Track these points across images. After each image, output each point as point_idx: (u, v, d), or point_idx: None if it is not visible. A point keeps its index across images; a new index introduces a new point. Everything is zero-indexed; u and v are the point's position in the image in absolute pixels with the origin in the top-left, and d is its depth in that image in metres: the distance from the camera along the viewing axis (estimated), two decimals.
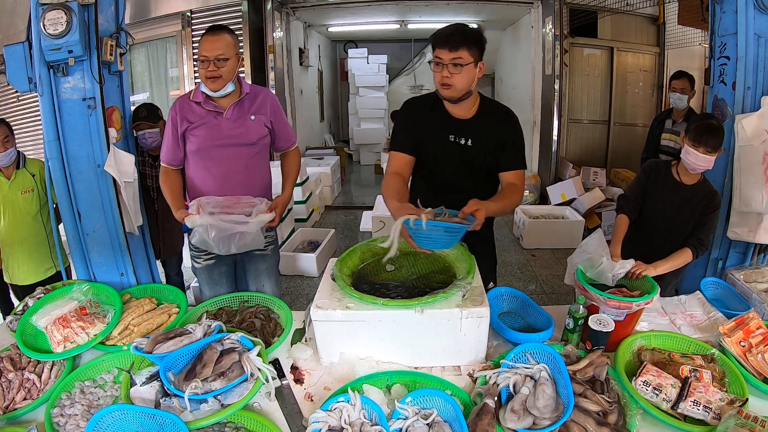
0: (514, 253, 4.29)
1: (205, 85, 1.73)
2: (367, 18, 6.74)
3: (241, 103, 1.80)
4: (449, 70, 1.52)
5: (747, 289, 1.70)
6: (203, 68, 1.69)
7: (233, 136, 1.79)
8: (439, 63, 1.53)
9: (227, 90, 1.74)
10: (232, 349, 1.27)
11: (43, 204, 2.32)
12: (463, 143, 1.65)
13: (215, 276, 1.94)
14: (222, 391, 1.17)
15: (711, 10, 1.90)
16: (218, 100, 1.78)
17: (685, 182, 1.80)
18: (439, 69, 1.54)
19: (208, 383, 1.17)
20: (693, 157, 1.69)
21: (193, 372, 1.20)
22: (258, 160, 1.87)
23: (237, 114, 1.79)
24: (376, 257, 1.60)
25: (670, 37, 5.48)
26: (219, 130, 1.78)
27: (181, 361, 1.26)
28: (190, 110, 1.78)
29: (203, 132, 1.78)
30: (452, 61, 1.50)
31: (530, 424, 1.08)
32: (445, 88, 1.56)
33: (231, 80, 1.73)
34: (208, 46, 1.68)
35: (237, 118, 1.79)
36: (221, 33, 1.70)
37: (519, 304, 1.63)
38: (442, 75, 1.53)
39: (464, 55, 1.50)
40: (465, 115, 1.66)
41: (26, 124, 5.81)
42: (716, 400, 1.13)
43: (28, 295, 1.73)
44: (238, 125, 1.79)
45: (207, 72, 1.68)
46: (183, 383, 1.17)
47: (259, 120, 1.82)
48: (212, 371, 1.21)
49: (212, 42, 1.68)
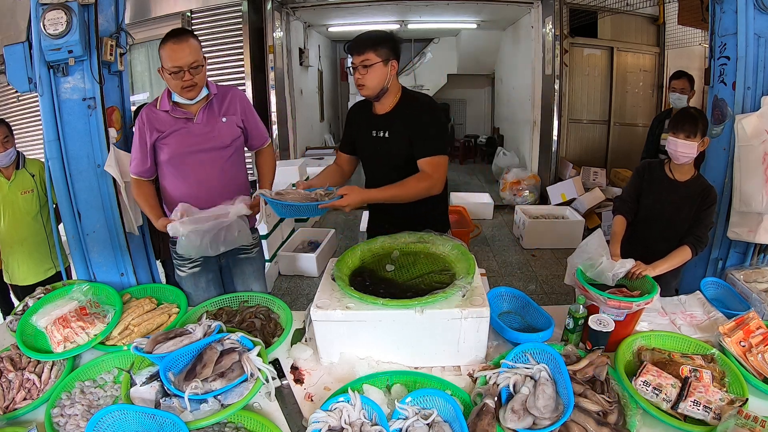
0: (514, 253, 4.29)
1: (181, 95, 1.66)
2: (367, 18, 6.73)
3: (209, 105, 1.74)
4: (359, 72, 1.65)
5: (747, 289, 1.70)
6: (177, 79, 1.60)
7: (205, 141, 1.72)
8: (351, 67, 1.68)
9: (202, 95, 1.70)
10: (232, 349, 1.27)
11: (43, 204, 2.32)
12: (382, 136, 1.75)
13: (202, 284, 1.89)
14: (222, 391, 1.17)
15: (711, 10, 1.90)
16: (187, 106, 1.71)
17: (678, 179, 1.81)
18: (353, 73, 1.68)
19: (208, 383, 1.17)
20: (673, 144, 1.72)
21: (193, 372, 1.20)
22: (233, 162, 1.81)
23: (207, 117, 1.73)
24: (376, 257, 1.61)
25: (670, 37, 5.48)
26: (190, 136, 1.71)
27: (181, 361, 1.26)
28: (157, 119, 1.70)
29: (175, 140, 1.70)
30: (361, 63, 1.64)
31: (530, 424, 1.08)
32: (360, 89, 1.70)
33: (203, 85, 1.68)
34: (177, 55, 1.58)
35: (207, 121, 1.73)
36: (186, 38, 1.61)
37: (519, 304, 1.63)
38: (355, 77, 1.68)
39: (370, 56, 1.63)
40: (385, 110, 1.75)
41: (26, 124, 5.81)
42: (716, 400, 1.13)
43: (28, 295, 1.73)
44: (209, 129, 1.73)
45: (183, 82, 1.61)
46: (183, 383, 1.17)
47: (231, 121, 1.77)
48: (212, 371, 1.21)
49: (180, 50, 1.58)
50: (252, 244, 1.93)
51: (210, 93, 1.73)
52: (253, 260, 1.96)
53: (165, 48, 1.60)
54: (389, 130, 1.73)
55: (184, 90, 1.64)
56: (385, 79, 1.66)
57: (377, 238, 1.66)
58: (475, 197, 5.44)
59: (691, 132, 1.69)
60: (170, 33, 1.63)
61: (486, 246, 4.48)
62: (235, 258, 1.92)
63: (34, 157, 2.37)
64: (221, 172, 1.77)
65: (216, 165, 1.76)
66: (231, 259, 1.92)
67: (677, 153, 1.73)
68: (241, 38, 5.06)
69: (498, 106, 8.27)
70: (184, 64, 1.58)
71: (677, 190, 1.80)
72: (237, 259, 1.92)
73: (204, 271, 1.89)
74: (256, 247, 1.97)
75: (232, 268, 1.95)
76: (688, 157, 1.73)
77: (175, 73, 1.59)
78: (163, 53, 1.60)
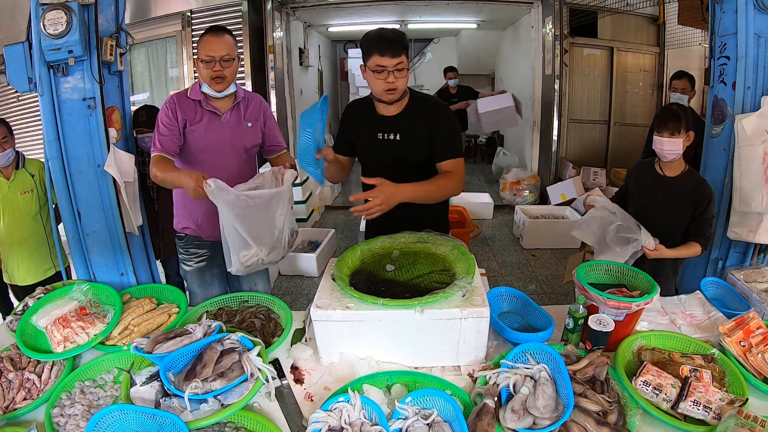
0: (514, 253, 4.29)
1: (209, 85, 1.71)
2: (367, 18, 6.72)
3: (237, 108, 1.80)
4: (395, 75, 1.53)
5: (747, 289, 1.70)
6: (207, 68, 1.67)
7: (232, 140, 1.79)
8: (383, 70, 1.53)
9: (229, 91, 1.75)
10: (232, 349, 1.27)
11: (43, 204, 2.32)
12: (392, 139, 1.67)
13: (207, 278, 1.92)
14: (222, 391, 1.17)
15: (711, 10, 1.90)
16: (216, 102, 1.77)
17: (669, 175, 1.83)
18: (383, 76, 1.53)
19: (208, 383, 1.17)
20: (659, 143, 1.75)
21: (193, 372, 1.20)
22: (249, 166, 1.88)
23: (235, 119, 1.79)
24: (376, 257, 1.61)
25: (670, 37, 5.48)
26: (219, 132, 1.77)
27: (181, 361, 1.26)
28: (188, 107, 1.75)
29: (202, 131, 1.75)
30: (396, 66, 1.52)
31: (530, 424, 1.08)
32: (390, 93, 1.58)
33: (233, 81, 1.74)
34: (212, 46, 1.66)
35: (235, 122, 1.79)
36: (224, 34, 1.70)
37: (519, 304, 1.63)
38: (387, 81, 1.54)
39: (404, 59, 1.54)
40: (393, 112, 1.68)
41: (26, 124, 5.81)
42: (716, 400, 1.13)
43: (28, 295, 1.73)
44: (237, 129, 1.79)
45: (213, 72, 1.67)
46: (183, 383, 1.17)
47: (255, 127, 1.83)
48: (212, 371, 1.21)
49: (216, 42, 1.67)
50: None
51: (237, 96, 1.80)
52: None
53: (203, 39, 1.69)
54: (400, 132, 1.67)
55: (213, 80, 1.69)
56: (408, 82, 1.62)
57: (377, 238, 1.65)
58: (475, 197, 5.44)
59: (675, 129, 1.71)
60: (210, 27, 1.73)
61: (486, 246, 4.48)
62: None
63: (33, 157, 2.37)
64: (239, 173, 1.79)
65: (234, 164, 1.81)
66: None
67: (664, 151, 1.75)
68: (241, 38, 5.05)
69: None
70: (216, 55, 1.66)
71: (669, 187, 1.82)
72: None
73: (210, 265, 1.92)
74: None
75: None
76: (674, 153, 1.75)
77: (206, 61, 1.67)
78: (200, 44, 1.69)
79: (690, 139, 1.75)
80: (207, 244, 1.90)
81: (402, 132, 1.67)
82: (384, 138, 1.68)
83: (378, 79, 1.55)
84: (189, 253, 1.90)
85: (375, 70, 1.53)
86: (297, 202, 4.75)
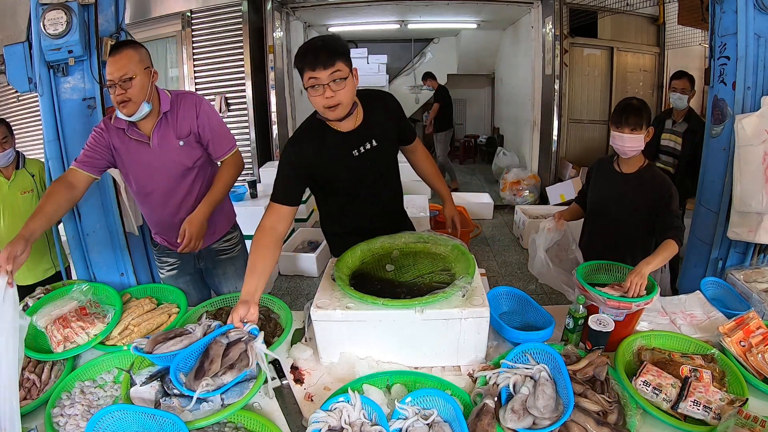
0: (514, 253, 4.29)
1: (119, 110, 1.55)
2: (367, 18, 6.72)
3: (163, 124, 1.63)
4: (331, 88, 1.34)
5: (747, 289, 1.69)
6: (112, 93, 1.51)
7: (165, 167, 1.65)
8: (316, 85, 1.34)
9: (142, 112, 1.56)
10: (238, 340, 1.27)
11: None
12: (369, 148, 1.54)
13: (180, 285, 1.86)
14: (235, 382, 1.17)
15: (711, 10, 1.89)
16: (141, 125, 1.62)
17: (626, 171, 1.81)
18: (319, 92, 1.35)
19: (219, 378, 1.17)
20: (619, 139, 1.69)
21: (202, 370, 1.19)
22: (201, 180, 1.73)
23: (161, 140, 1.62)
24: (376, 257, 1.60)
25: (670, 37, 5.48)
26: (148, 162, 1.63)
27: (189, 360, 1.25)
28: (115, 135, 1.62)
29: (133, 164, 1.63)
30: (331, 77, 1.33)
31: (530, 424, 1.08)
32: (331, 111, 1.39)
33: (144, 100, 1.54)
34: (109, 68, 1.48)
35: (162, 145, 1.62)
36: (122, 50, 1.51)
37: (519, 303, 1.63)
38: (324, 97, 1.35)
39: (341, 66, 1.34)
40: (357, 123, 1.53)
41: (26, 124, 5.81)
42: (716, 400, 1.13)
43: (28, 295, 1.73)
44: (166, 152, 1.63)
45: (115, 97, 1.51)
46: (194, 383, 1.17)
47: (189, 142, 1.66)
48: (221, 365, 1.20)
49: (112, 63, 1.48)
50: (232, 243, 1.91)
51: (161, 110, 1.61)
52: (235, 259, 1.93)
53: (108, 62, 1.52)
54: (374, 137, 1.55)
55: (120, 105, 1.52)
56: (355, 91, 1.43)
57: (377, 238, 1.65)
58: (475, 197, 5.44)
59: (637, 124, 1.66)
60: (113, 45, 1.57)
61: (486, 246, 4.48)
62: (215, 258, 1.90)
63: (33, 157, 2.37)
64: (188, 194, 1.70)
65: (181, 189, 1.70)
66: (210, 261, 1.90)
67: (624, 148, 1.70)
68: (241, 38, 5.06)
69: (498, 106, 8.27)
70: (114, 77, 1.48)
71: (627, 183, 1.80)
72: (217, 259, 1.90)
73: (181, 273, 1.90)
74: (238, 245, 1.95)
75: (213, 270, 1.93)
76: (635, 150, 1.71)
77: (110, 87, 1.51)
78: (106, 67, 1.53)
79: (650, 135, 1.72)
80: (175, 254, 1.87)
81: (375, 137, 1.55)
82: (361, 151, 1.54)
83: (313, 96, 1.37)
84: (161, 261, 1.90)
85: (310, 84, 1.35)
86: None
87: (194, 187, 1.74)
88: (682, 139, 2.95)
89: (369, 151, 1.55)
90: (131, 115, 1.55)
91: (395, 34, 7.88)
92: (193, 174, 1.72)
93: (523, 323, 1.56)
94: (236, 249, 1.95)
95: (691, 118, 2.96)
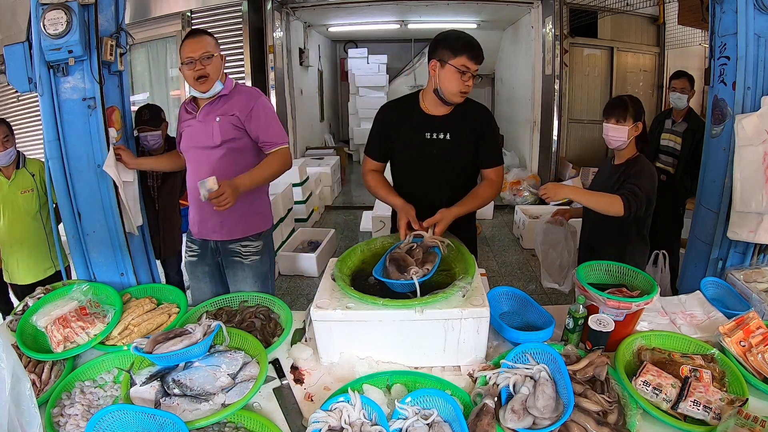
0: (514, 253, 4.29)
1: (194, 87, 1.73)
2: (367, 18, 6.73)
3: (213, 104, 1.77)
4: (473, 80, 1.60)
5: (747, 289, 1.69)
6: (190, 70, 1.69)
7: (199, 139, 1.78)
8: (466, 72, 1.58)
9: (216, 89, 1.74)
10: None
11: (43, 204, 2.32)
12: (441, 138, 1.69)
13: (198, 273, 1.96)
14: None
15: (711, 10, 1.89)
16: (200, 102, 1.80)
17: (615, 162, 1.92)
18: (465, 78, 1.58)
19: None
20: (605, 129, 1.84)
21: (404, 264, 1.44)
22: (227, 163, 1.76)
23: (205, 115, 1.77)
24: (376, 257, 1.60)
25: (670, 37, 5.49)
26: (191, 132, 1.80)
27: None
28: (184, 110, 1.85)
29: (183, 135, 1.84)
30: (476, 72, 1.60)
31: (530, 424, 1.08)
32: (462, 95, 1.63)
33: (218, 79, 1.73)
34: (191, 48, 1.69)
35: (205, 119, 1.77)
36: (201, 34, 1.73)
37: (519, 303, 1.63)
38: (465, 84, 1.59)
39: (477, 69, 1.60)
40: (443, 112, 1.71)
41: (26, 124, 5.81)
42: (716, 400, 1.13)
43: (28, 295, 1.73)
44: (204, 126, 1.76)
45: (195, 72, 1.69)
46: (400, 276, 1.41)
47: (226, 122, 1.74)
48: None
49: (194, 43, 1.70)
50: (249, 251, 1.88)
51: (220, 93, 1.76)
52: (247, 267, 1.88)
53: (182, 45, 1.72)
54: (450, 132, 1.69)
55: (197, 81, 1.70)
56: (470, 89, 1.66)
57: (377, 239, 1.66)
58: None
59: (621, 116, 1.79)
60: (188, 32, 1.78)
61: (486, 246, 4.48)
62: (229, 259, 1.89)
63: (34, 157, 2.38)
64: (213, 172, 1.70)
65: (206, 163, 1.78)
66: (225, 259, 1.90)
67: (609, 137, 1.84)
68: (241, 38, 5.07)
69: (498, 106, 8.28)
70: (195, 55, 1.68)
71: (615, 173, 1.89)
72: (231, 260, 1.89)
73: (199, 262, 1.94)
74: (255, 256, 1.89)
75: (226, 268, 1.93)
76: (619, 141, 1.82)
77: (188, 64, 1.69)
78: (181, 50, 1.72)
79: (638, 130, 1.82)
80: (198, 242, 1.92)
81: (452, 132, 1.69)
82: (432, 137, 1.69)
83: (456, 80, 1.59)
84: (187, 245, 1.97)
85: (460, 70, 1.57)
86: (297, 202, 4.75)
87: (220, 166, 1.75)
88: (682, 139, 2.95)
89: (440, 141, 1.70)
90: (206, 91, 1.73)
91: (395, 34, 7.89)
92: (219, 152, 1.76)
93: (523, 323, 1.56)
94: (251, 259, 1.89)
95: (691, 118, 2.96)
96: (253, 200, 1.85)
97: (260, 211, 1.92)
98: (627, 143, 1.84)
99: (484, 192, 1.73)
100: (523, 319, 1.58)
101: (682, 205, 3.09)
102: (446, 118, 1.70)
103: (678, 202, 3.08)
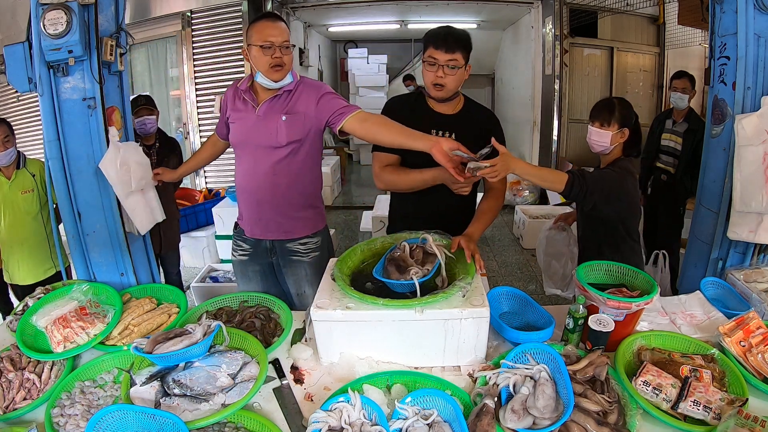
0: (514, 253, 4.29)
1: (266, 75, 1.60)
2: (367, 18, 6.74)
3: (277, 98, 1.66)
4: (444, 71, 1.56)
5: (747, 289, 1.69)
6: (267, 55, 1.56)
7: (259, 136, 1.66)
8: (434, 63, 1.57)
9: (287, 80, 1.64)
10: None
11: (43, 204, 2.32)
12: (448, 136, 1.65)
13: (249, 273, 1.90)
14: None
15: (711, 10, 1.89)
16: (259, 92, 1.68)
17: (601, 167, 1.86)
18: (433, 69, 1.57)
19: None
20: (589, 132, 1.78)
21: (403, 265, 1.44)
22: (289, 164, 1.69)
23: (268, 111, 1.65)
24: (377, 257, 1.60)
25: (670, 37, 5.49)
26: (248, 126, 1.68)
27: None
28: (236, 98, 1.72)
29: (237, 125, 1.71)
30: (447, 62, 1.55)
31: (530, 424, 1.08)
32: (437, 89, 1.60)
33: (290, 70, 1.64)
34: (271, 31, 1.56)
35: (267, 116, 1.65)
36: (280, 20, 1.61)
37: (519, 304, 1.63)
38: (436, 75, 1.57)
39: (458, 57, 1.56)
40: (450, 111, 1.70)
41: (26, 124, 5.81)
42: (716, 400, 1.13)
43: (28, 295, 1.73)
44: (266, 124, 1.65)
45: (272, 59, 1.57)
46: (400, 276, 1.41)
47: (293, 121, 1.64)
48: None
49: (275, 27, 1.57)
50: (308, 248, 1.83)
51: (286, 86, 1.65)
52: (308, 265, 1.84)
53: (257, 25, 1.59)
54: (455, 132, 1.67)
55: (272, 69, 1.59)
56: (461, 83, 1.64)
57: (377, 239, 1.66)
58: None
59: (605, 120, 1.71)
60: (264, 14, 1.68)
61: (486, 246, 4.48)
62: (287, 258, 1.84)
63: (34, 157, 2.38)
64: (273, 173, 1.69)
65: (266, 164, 1.68)
66: (282, 259, 1.85)
67: (591, 141, 1.78)
68: (241, 38, 5.06)
69: (498, 106, 8.28)
70: (276, 41, 1.57)
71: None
72: (290, 260, 1.84)
73: (251, 261, 1.89)
74: (315, 252, 1.84)
75: (284, 268, 1.87)
76: (601, 145, 1.75)
77: (265, 47, 1.57)
78: (254, 30, 1.59)
79: (624, 137, 1.74)
80: (251, 241, 1.86)
81: (458, 132, 1.67)
82: (438, 135, 1.65)
83: (428, 71, 1.59)
84: (236, 243, 1.90)
85: (427, 61, 1.58)
86: None
87: (279, 168, 1.69)
88: (683, 139, 2.96)
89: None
90: (279, 80, 1.62)
91: (395, 34, 7.89)
92: (283, 152, 1.67)
93: (523, 323, 1.56)
94: (311, 255, 1.83)
95: (692, 118, 2.97)
96: (313, 199, 1.83)
97: (318, 208, 1.87)
98: (610, 149, 1.77)
99: (491, 205, 1.75)
100: (523, 319, 1.58)
101: (682, 205, 3.09)
102: (454, 117, 1.70)
103: (678, 202, 3.08)
